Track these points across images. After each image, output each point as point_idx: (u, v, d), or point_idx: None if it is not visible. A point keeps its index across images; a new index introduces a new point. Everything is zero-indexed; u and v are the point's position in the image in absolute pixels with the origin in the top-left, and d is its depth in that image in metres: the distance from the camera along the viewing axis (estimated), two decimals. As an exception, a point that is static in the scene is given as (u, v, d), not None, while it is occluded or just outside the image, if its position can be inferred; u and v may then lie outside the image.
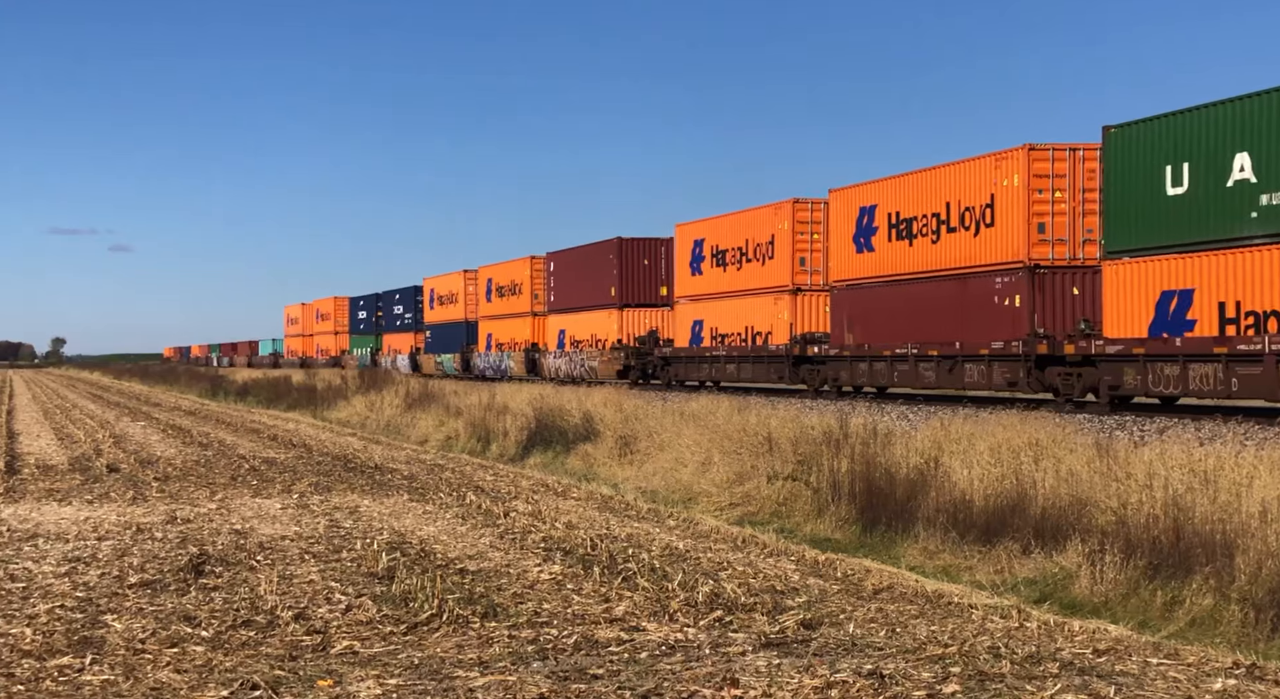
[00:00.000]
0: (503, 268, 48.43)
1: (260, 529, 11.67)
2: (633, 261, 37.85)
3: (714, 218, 33.37)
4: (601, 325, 38.63)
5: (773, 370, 29.24)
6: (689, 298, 34.28)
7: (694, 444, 17.03)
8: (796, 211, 29.37)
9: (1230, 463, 10.20)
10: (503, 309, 47.74)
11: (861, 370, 25.85)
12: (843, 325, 26.78)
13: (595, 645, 6.84)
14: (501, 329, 47.80)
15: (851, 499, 12.80)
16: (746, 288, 30.96)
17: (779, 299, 29.37)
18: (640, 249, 37.89)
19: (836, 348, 26.75)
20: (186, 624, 7.43)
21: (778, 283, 29.34)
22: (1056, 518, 10.47)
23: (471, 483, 16.07)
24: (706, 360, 32.38)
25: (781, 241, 29.33)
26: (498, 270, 48.90)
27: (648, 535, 11.39)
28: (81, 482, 16.16)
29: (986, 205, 23.23)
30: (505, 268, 48.09)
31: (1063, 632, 7.39)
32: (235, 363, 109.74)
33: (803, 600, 8.19)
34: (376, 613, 7.68)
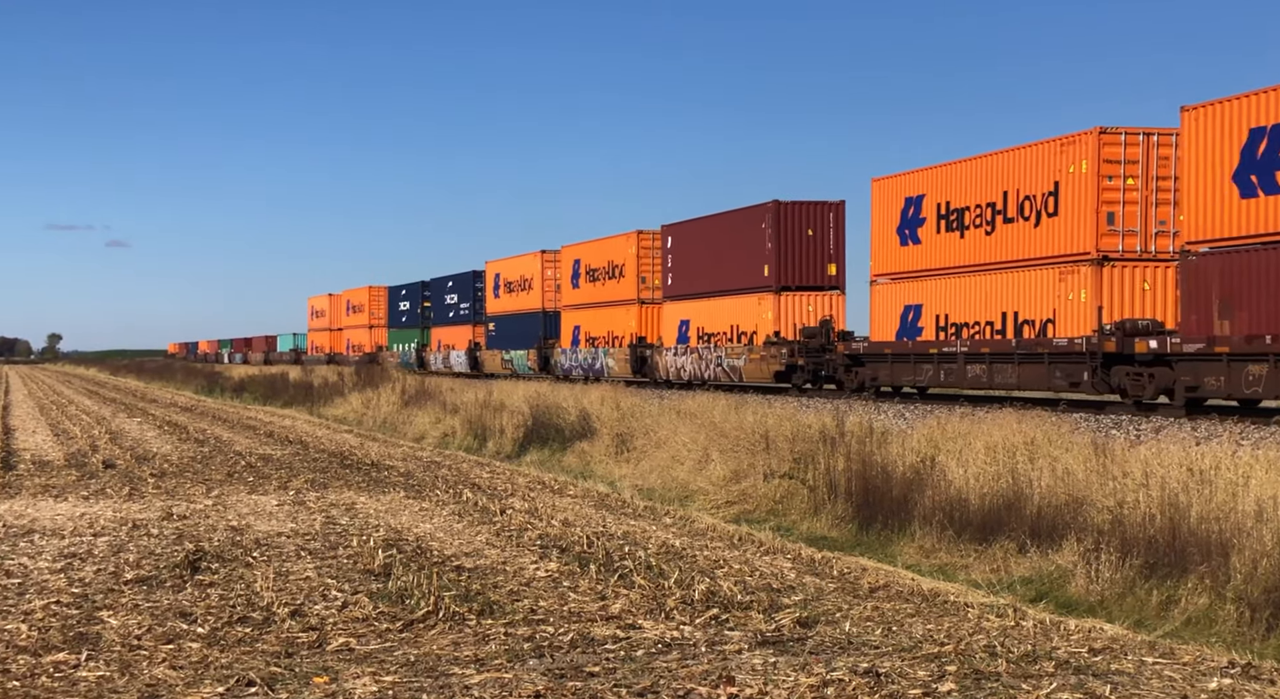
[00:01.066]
0: (596, 247, 39.61)
1: (256, 526, 11.66)
2: (793, 232, 29.96)
3: (940, 166, 25.96)
4: (746, 314, 31.06)
5: (1059, 373, 21.72)
6: (894, 276, 26.97)
7: (691, 442, 17.04)
8: (1103, 145, 21.45)
9: (1227, 462, 10.21)
10: (596, 296, 39.37)
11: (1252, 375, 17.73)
12: (1208, 307, 18.55)
13: (591, 643, 6.84)
14: (595, 320, 39.47)
15: (848, 497, 12.80)
16: (1007, 259, 23.55)
17: (1071, 273, 21.88)
18: (803, 216, 30.05)
19: (1198, 340, 18.65)
20: (182, 621, 7.43)
21: (1069, 250, 21.99)
22: (1052, 517, 10.48)
23: (468, 480, 16.06)
24: (929, 359, 24.80)
25: (1076, 190, 21.80)
26: (589, 249, 40.22)
27: (644, 533, 11.39)
28: (77, 478, 16.14)
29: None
30: (600, 246, 39.33)
31: (1059, 630, 7.39)
32: (250, 359, 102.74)
33: (799, 598, 8.19)
34: (372, 610, 7.68)
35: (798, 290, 30.22)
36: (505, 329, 47.82)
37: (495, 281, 49.63)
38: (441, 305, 57.26)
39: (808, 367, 28.91)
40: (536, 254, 45.13)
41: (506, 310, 47.93)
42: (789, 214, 30.20)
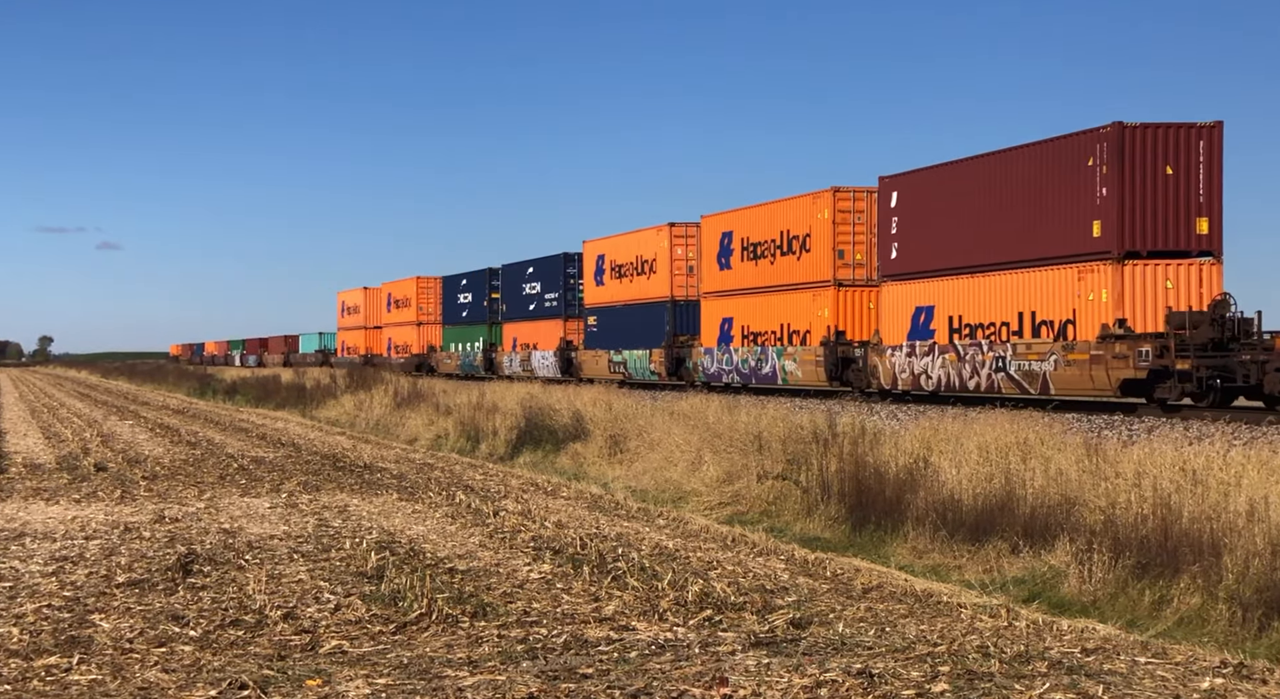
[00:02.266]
0: (759, 214, 30.29)
1: (249, 528, 11.63)
2: (1144, 171, 20.61)
3: None
4: (1054, 294, 21.75)
5: None
6: None
7: (684, 443, 17.04)
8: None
9: (1219, 462, 10.23)
10: (760, 278, 30.40)
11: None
12: None
13: (585, 645, 6.84)
14: (758, 311, 30.44)
15: (841, 498, 12.81)
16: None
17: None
18: (1158, 145, 20.60)
19: None
20: (174, 623, 7.40)
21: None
22: (1045, 517, 10.50)
23: (461, 482, 16.04)
24: None
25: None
26: (747, 218, 30.89)
27: (637, 534, 11.39)
28: (69, 480, 16.09)
29: None
30: (767, 213, 29.97)
31: (1051, 631, 7.41)
32: (267, 362, 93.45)
33: (792, 599, 8.20)
34: (365, 612, 7.67)
35: (1150, 258, 20.69)
36: (613, 324, 38.30)
37: (598, 265, 39.58)
38: (518, 296, 46.98)
39: (1199, 371, 19.15)
40: (661, 228, 35.45)
41: (615, 300, 38.14)
42: (1138, 143, 20.47)
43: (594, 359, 39.92)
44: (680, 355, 34.90)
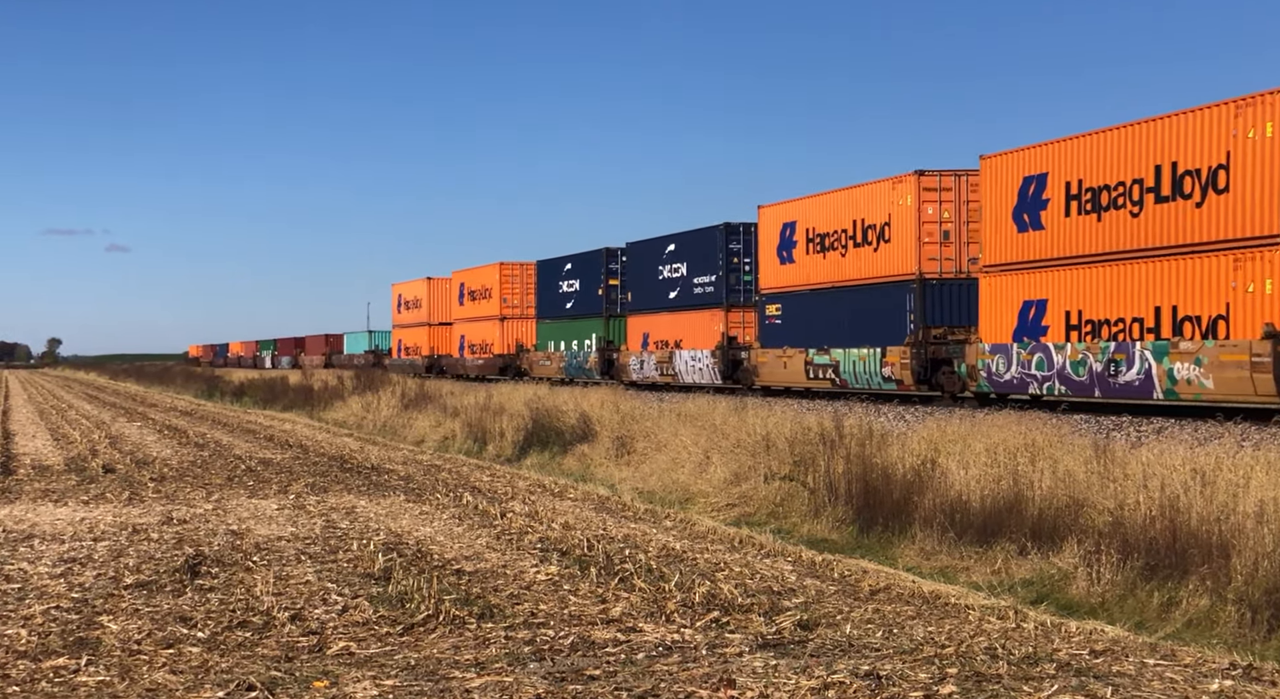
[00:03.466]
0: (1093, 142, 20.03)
1: (256, 530, 11.65)
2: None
3: None
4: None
5: None
6: None
7: (691, 444, 17.03)
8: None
9: (1227, 464, 10.20)
10: (1109, 238, 19.81)
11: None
12: None
13: (592, 646, 6.83)
14: (1104, 288, 19.96)
15: (848, 500, 12.80)
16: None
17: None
18: None
19: None
20: (182, 625, 7.42)
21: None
22: (1053, 519, 10.48)
23: (468, 483, 16.05)
24: None
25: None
26: (1075, 151, 20.45)
27: (644, 536, 11.38)
28: (77, 482, 16.13)
29: None
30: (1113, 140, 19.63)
31: (1060, 632, 7.39)
32: (305, 364, 79.74)
33: (800, 601, 8.18)
34: (373, 614, 7.67)
35: None
36: (810, 313, 27.96)
37: (784, 236, 29.15)
38: (650, 282, 36.88)
39: None
40: (902, 180, 25.08)
41: (814, 282, 27.90)
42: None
43: (779, 361, 29.03)
44: (939, 355, 24.43)
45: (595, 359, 40.52)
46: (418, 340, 59.49)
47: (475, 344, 51.32)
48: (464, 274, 53.15)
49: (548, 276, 45.79)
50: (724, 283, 33.18)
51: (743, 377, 31.87)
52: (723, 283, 33.21)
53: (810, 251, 28.74)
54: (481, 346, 50.47)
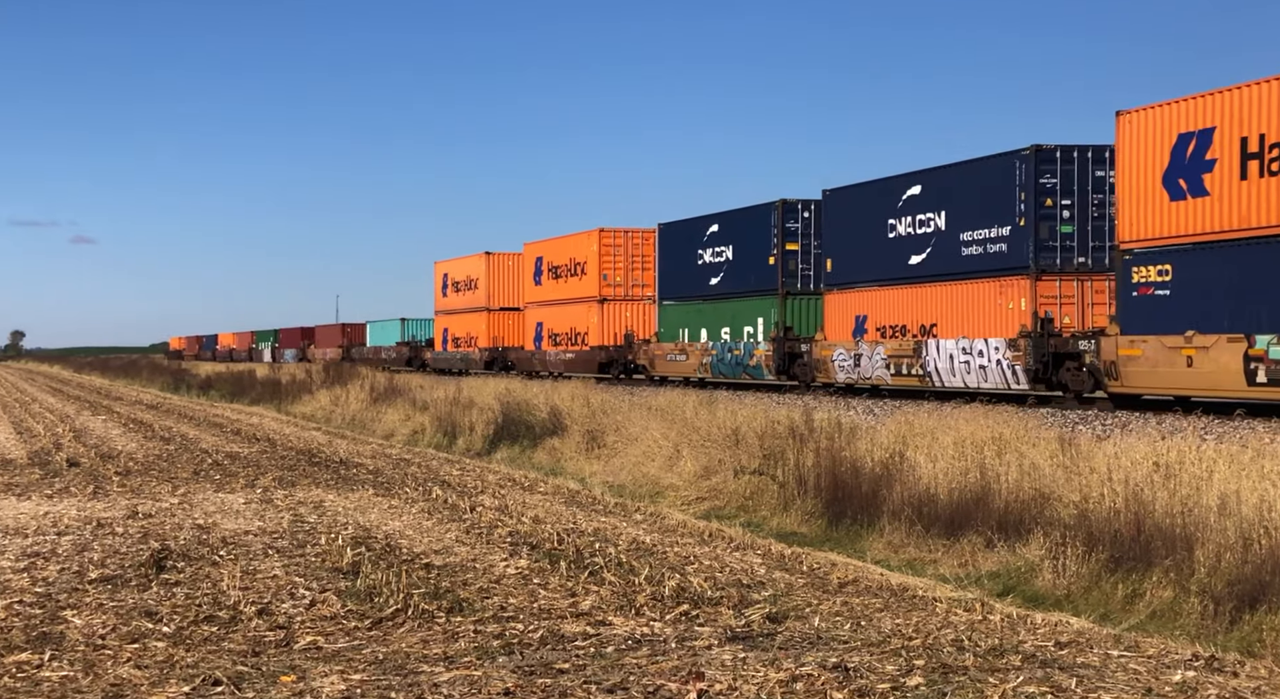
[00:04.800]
0: None
1: (223, 524, 11.57)
2: None
3: None
4: None
5: None
6: None
7: (662, 438, 17.05)
8: None
9: (1191, 456, 10.32)
10: None
11: None
12: None
13: (561, 640, 6.83)
14: None
15: (817, 493, 12.85)
16: None
17: None
18: None
19: None
20: (148, 620, 7.35)
21: None
22: (1019, 511, 10.57)
23: (438, 477, 16.00)
24: None
25: None
26: None
27: (615, 529, 11.39)
28: (41, 476, 15.95)
29: None
30: None
31: (1025, 624, 7.45)
32: (313, 357, 70.17)
33: (769, 594, 8.21)
34: (341, 608, 7.64)
35: None
36: (1243, 275, 17.94)
37: (1178, 156, 18.90)
38: (864, 243, 26.58)
39: None
40: None
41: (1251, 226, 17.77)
42: None
43: (1173, 354, 18.70)
44: None
45: (766, 353, 29.34)
46: (472, 329, 48.45)
47: (561, 334, 40.56)
48: (542, 246, 42.58)
49: (677, 244, 34.26)
50: (1024, 239, 22.25)
51: (1071, 379, 21.34)
52: (1023, 239, 22.28)
53: (1251, 174, 17.68)
54: (570, 336, 39.78)
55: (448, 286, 52.18)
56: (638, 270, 38.16)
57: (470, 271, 49.48)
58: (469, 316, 49.35)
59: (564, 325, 40.64)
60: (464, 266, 50.31)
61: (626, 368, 37.29)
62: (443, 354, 51.84)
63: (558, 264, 41.30)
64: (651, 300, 36.96)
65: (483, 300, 47.95)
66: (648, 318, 37.07)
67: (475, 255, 48.99)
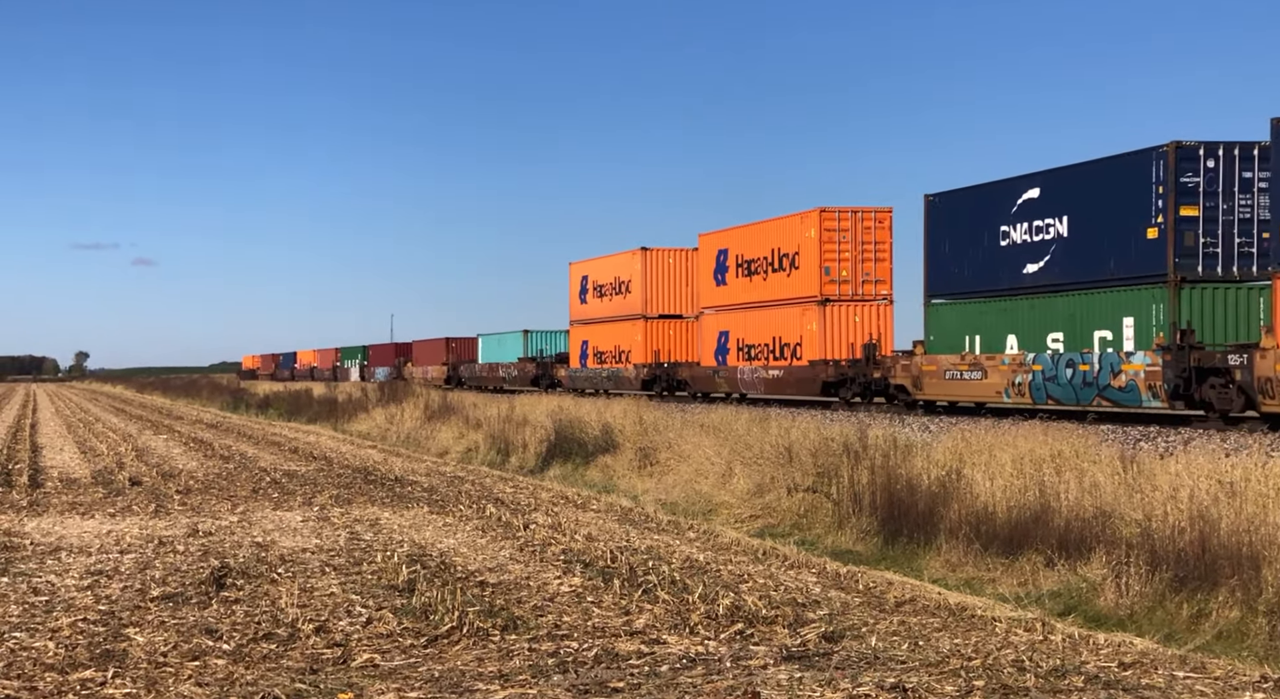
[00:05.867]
0: None
1: (281, 542, 11.69)
2: None
3: None
4: None
5: None
6: None
7: (714, 455, 16.99)
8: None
9: (1256, 474, 10.09)
10: None
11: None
12: None
13: (615, 658, 6.81)
14: None
15: (872, 511, 12.73)
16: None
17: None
18: None
19: None
20: (208, 637, 7.44)
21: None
22: (1080, 530, 10.38)
23: (491, 495, 16.07)
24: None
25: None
26: None
27: (668, 547, 11.36)
28: (104, 495, 16.24)
29: None
30: None
31: (1087, 645, 7.32)
32: (412, 376, 63.36)
33: (824, 613, 8.14)
34: (397, 626, 7.68)
35: None
36: None
37: None
38: None
39: None
40: None
41: None
42: None
43: None
44: None
45: (1149, 368, 20.51)
46: (622, 341, 40.26)
47: (758, 346, 32.28)
48: (727, 236, 34.63)
49: (958, 222, 25.40)
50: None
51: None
52: None
53: None
54: (773, 349, 31.55)
55: (587, 291, 43.69)
56: (869, 262, 29.53)
57: (620, 272, 40.83)
58: (618, 326, 40.79)
59: (763, 334, 32.07)
60: (611, 266, 41.71)
61: (867, 389, 27.92)
62: (582, 372, 43.78)
63: (753, 258, 32.94)
64: (887, 300, 29.37)
65: (637, 306, 39.36)
66: (885, 323, 29.22)
67: (627, 252, 40.47)
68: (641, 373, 38.87)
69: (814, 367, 29.57)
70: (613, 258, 42.03)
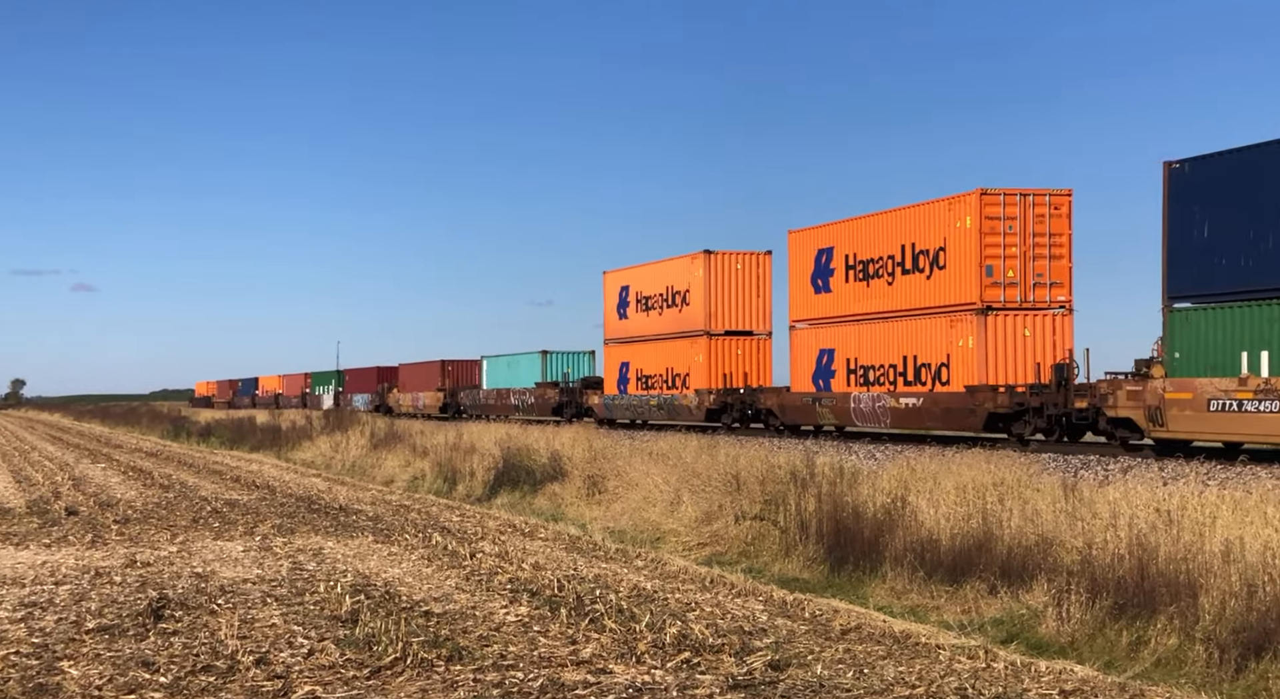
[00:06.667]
0: None
1: (222, 572, 11.51)
2: None
3: None
4: None
5: None
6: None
7: (662, 483, 17.00)
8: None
9: (1193, 503, 10.28)
10: None
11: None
12: None
13: (562, 688, 6.77)
14: None
15: (819, 538, 12.79)
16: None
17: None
18: None
19: None
20: (145, 670, 7.30)
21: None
22: (1023, 557, 10.50)
23: (437, 524, 15.94)
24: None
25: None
26: None
27: (615, 576, 11.32)
28: (39, 525, 15.89)
29: None
30: None
31: (1029, 672, 7.39)
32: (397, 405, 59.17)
33: (770, 641, 8.15)
34: (339, 657, 7.58)
35: None
36: None
37: None
38: None
39: None
40: None
41: None
42: None
43: None
44: None
45: None
46: (679, 362, 33.75)
47: (878, 367, 26.19)
48: (832, 231, 28.17)
49: (1224, 196, 18.73)
50: None
51: None
52: None
53: None
54: (900, 372, 25.51)
55: (629, 304, 37.14)
56: (1042, 259, 23.95)
57: (674, 280, 34.44)
58: (671, 346, 34.30)
59: (886, 353, 25.93)
60: (661, 274, 35.38)
61: (1058, 423, 21.90)
62: (621, 399, 36.87)
63: (873, 257, 26.57)
64: (1065, 309, 23.90)
65: (698, 321, 32.89)
66: (1063, 337, 23.75)
67: (684, 257, 34.17)
68: (706, 400, 32.15)
69: (973, 393, 23.18)
70: (663, 264, 35.38)
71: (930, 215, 25.20)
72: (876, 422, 25.83)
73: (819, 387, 28.02)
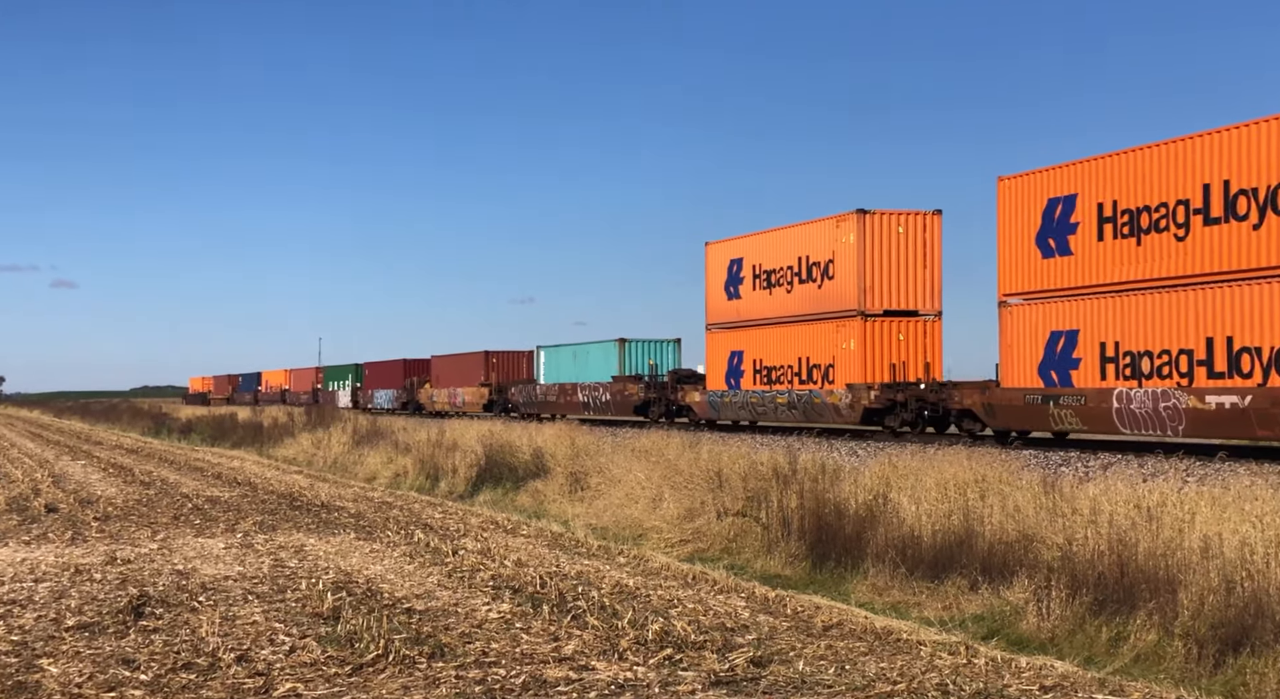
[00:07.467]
0: None
1: (203, 569, 11.46)
2: None
3: None
4: None
5: None
6: None
7: (645, 480, 17.00)
8: None
9: (1173, 499, 10.35)
10: None
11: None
12: None
13: (544, 685, 6.77)
14: None
15: (801, 535, 12.82)
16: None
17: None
18: None
19: None
20: (125, 667, 7.26)
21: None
22: (1003, 554, 10.56)
23: (420, 520, 15.91)
24: None
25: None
26: None
27: (598, 573, 11.33)
28: (18, 522, 15.79)
29: None
30: None
31: (1010, 668, 7.43)
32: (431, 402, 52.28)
33: (752, 638, 8.17)
34: (321, 654, 7.56)
35: None
36: None
37: None
38: None
39: None
40: None
41: None
42: None
43: None
44: None
45: None
46: (818, 351, 26.96)
47: (1152, 354, 19.02)
48: (1072, 173, 20.67)
49: None
50: None
51: None
52: None
53: None
54: (1194, 360, 18.49)
55: (742, 280, 30.11)
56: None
57: (811, 248, 27.48)
58: (807, 330, 27.52)
59: (1169, 336, 18.92)
60: (793, 241, 28.25)
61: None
62: (733, 395, 29.92)
63: (1144, 205, 19.35)
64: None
65: (848, 298, 26.26)
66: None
67: (828, 219, 27.10)
68: (865, 397, 25.14)
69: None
70: (795, 229, 28.25)
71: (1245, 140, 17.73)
72: (1161, 427, 18.91)
73: (1050, 380, 20.86)
